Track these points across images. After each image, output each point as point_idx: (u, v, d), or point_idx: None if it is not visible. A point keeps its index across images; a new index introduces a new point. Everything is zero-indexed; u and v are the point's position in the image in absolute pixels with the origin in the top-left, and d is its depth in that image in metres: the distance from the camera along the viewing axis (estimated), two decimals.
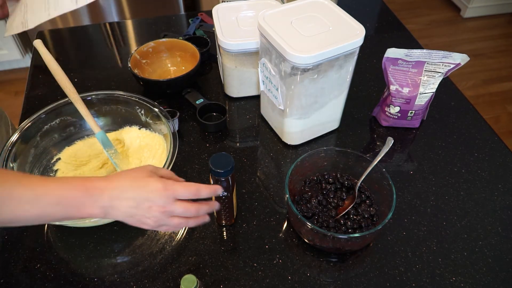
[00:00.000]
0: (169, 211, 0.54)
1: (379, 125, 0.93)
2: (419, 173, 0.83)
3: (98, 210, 0.52)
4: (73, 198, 0.51)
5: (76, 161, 0.82)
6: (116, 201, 0.53)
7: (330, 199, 0.74)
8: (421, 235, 0.73)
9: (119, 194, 0.53)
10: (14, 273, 0.68)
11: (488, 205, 0.77)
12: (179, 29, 1.22)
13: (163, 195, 0.53)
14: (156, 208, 0.53)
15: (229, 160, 0.63)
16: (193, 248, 0.71)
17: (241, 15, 0.94)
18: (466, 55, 0.82)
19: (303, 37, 0.73)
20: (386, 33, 1.22)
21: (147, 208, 0.53)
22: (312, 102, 0.80)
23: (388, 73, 0.86)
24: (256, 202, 0.78)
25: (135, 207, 0.53)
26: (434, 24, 2.77)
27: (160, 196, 0.53)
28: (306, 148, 0.88)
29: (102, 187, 0.52)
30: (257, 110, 0.97)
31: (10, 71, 2.34)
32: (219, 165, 0.62)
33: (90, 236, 0.72)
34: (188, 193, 0.55)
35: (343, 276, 0.68)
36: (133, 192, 0.53)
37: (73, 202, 0.51)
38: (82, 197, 0.51)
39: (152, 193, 0.53)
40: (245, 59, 0.90)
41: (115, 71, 1.09)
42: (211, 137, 0.90)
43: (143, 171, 0.55)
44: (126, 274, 0.68)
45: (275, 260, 0.69)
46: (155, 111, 0.81)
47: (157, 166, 0.58)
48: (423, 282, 0.67)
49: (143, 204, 0.53)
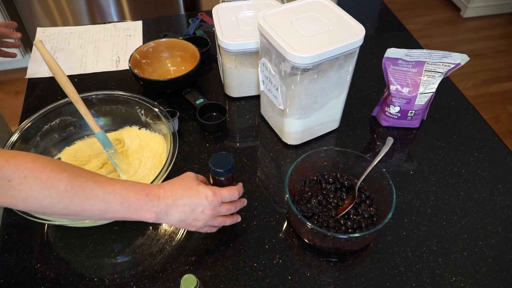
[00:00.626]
0: (217, 212, 0.63)
1: (379, 125, 0.93)
2: (419, 173, 0.83)
3: (153, 215, 0.59)
4: (134, 200, 0.57)
5: (76, 161, 0.82)
6: (172, 207, 0.60)
7: (330, 199, 0.74)
8: (421, 235, 0.73)
9: (174, 201, 0.60)
10: (14, 273, 0.68)
11: (488, 205, 0.77)
12: (179, 29, 1.22)
13: (214, 199, 0.61)
14: (207, 211, 0.61)
15: (229, 159, 0.64)
16: (193, 248, 0.71)
17: (241, 15, 0.94)
18: (466, 55, 0.82)
19: (303, 37, 0.73)
20: (386, 33, 1.22)
21: (199, 212, 0.61)
22: (312, 102, 0.80)
23: (388, 73, 0.86)
24: (256, 202, 0.78)
25: (189, 212, 0.61)
26: (434, 24, 2.77)
27: (211, 201, 0.61)
28: (306, 148, 0.88)
29: (160, 195, 0.59)
30: (257, 110, 0.97)
31: (10, 71, 2.34)
32: (219, 165, 0.63)
33: (90, 236, 0.72)
34: (231, 197, 0.64)
35: (343, 276, 0.68)
36: (187, 199, 0.60)
37: (134, 203, 0.57)
38: (142, 201, 0.57)
39: (205, 199, 0.61)
40: (245, 59, 0.90)
41: (115, 71, 1.08)
42: (211, 137, 0.90)
43: (190, 179, 0.63)
44: (126, 274, 0.68)
45: (275, 260, 0.69)
46: (155, 111, 0.81)
47: (195, 174, 0.66)
48: (423, 282, 0.67)
49: (197, 209, 0.61)
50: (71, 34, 1.18)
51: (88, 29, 1.20)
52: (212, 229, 0.67)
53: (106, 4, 1.93)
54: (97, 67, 1.08)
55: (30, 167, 0.50)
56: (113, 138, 0.85)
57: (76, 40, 1.17)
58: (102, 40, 1.17)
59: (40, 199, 0.51)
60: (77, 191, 0.53)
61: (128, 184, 0.58)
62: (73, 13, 1.96)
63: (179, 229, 0.74)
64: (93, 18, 1.98)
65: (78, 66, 1.08)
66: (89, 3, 1.92)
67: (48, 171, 0.51)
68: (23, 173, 0.49)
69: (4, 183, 0.49)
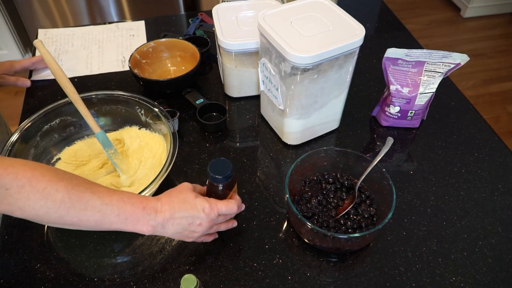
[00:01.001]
0: (214, 223, 0.64)
1: (379, 125, 0.93)
2: (419, 173, 0.83)
3: (149, 228, 0.59)
4: (131, 213, 0.57)
5: (76, 161, 0.82)
6: (169, 221, 0.60)
7: (330, 199, 0.74)
8: (421, 235, 0.73)
9: (171, 214, 0.60)
10: (14, 273, 0.68)
11: (488, 205, 0.77)
12: (179, 29, 1.22)
13: (211, 213, 0.61)
14: (205, 224, 0.62)
15: (228, 166, 0.62)
16: (193, 248, 0.71)
17: (241, 15, 0.94)
18: (466, 55, 0.82)
19: (303, 37, 0.73)
20: (386, 33, 1.22)
21: (197, 225, 0.61)
22: (312, 102, 0.80)
23: (388, 73, 0.86)
24: (256, 202, 0.78)
25: (187, 224, 0.61)
26: (434, 24, 2.77)
27: (208, 214, 0.61)
28: (306, 148, 0.88)
29: (157, 208, 0.59)
30: (257, 110, 0.97)
31: None
32: (218, 171, 0.61)
33: (90, 236, 0.72)
34: (229, 211, 0.63)
35: (343, 276, 0.68)
36: (185, 212, 0.60)
37: (131, 216, 0.57)
38: (139, 214, 0.58)
39: (202, 212, 0.61)
40: (245, 59, 0.90)
41: (115, 71, 1.08)
42: (211, 137, 0.90)
43: (187, 191, 0.62)
44: (126, 274, 0.68)
45: (275, 260, 0.69)
46: (155, 111, 0.81)
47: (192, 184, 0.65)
48: (423, 282, 0.67)
49: (195, 222, 0.61)
50: (73, 35, 1.18)
51: (90, 30, 1.20)
52: (208, 238, 0.68)
53: (106, 4, 1.93)
54: (103, 67, 1.08)
55: (28, 176, 0.50)
56: (113, 138, 0.85)
57: (79, 41, 1.16)
58: (106, 41, 1.16)
59: (37, 209, 0.51)
60: (74, 201, 0.53)
61: (126, 196, 0.58)
62: (73, 13, 1.96)
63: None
64: (93, 18, 1.98)
65: (84, 67, 1.08)
66: (89, 3, 1.92)
67: (46, 180, 0.51)
68: (21, 182, 0.50)
69: (2, 191, 0.49)
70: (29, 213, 0.52)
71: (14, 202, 0.50)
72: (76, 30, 1.20)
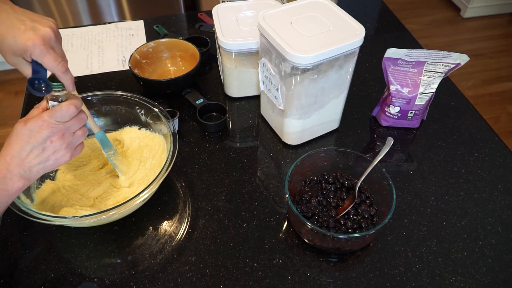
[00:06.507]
0: (67, 130, 0.58)
1: (379, 125, 0.93)
2: (419, 173, 0.83)
3: (21, 182, 0.57)
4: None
5: (76, 161, 0.82)
6: (25, 161, 0.56)
7: (330, 199, 0.74)
8: (421, 235, 0.73)
9: (19, 156, 0.56)
10: (14, 273, 0.68)
11: (488, 205, 0.77)
12: (179, 29, 1.22)
13: (48, 125, 0.56)
14: (55, 138, 0.57)
15: None
16: (193, 248, 0.71)
17: (241, 15, 0.94)
18: (466, 55, 0.82)
19: (303, 37, 0.73)
20: (386, 33, 1.22)
21: (50, 144, 0.57)
22: (312, 102, 0.80)
23: (388, 73, 0.86)
24: (256, 202, 0.78)
25: (41, 150, 0.56)
26: (434, 24, 2.77)
27: (47, 128, 0.56)
28: (306, 148, 0.88)
29: (5, 166, 0.56)
30: (257, 110, 0.97)
31: (10, 71, 2.34)
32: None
33: (90, 236, 0.73)
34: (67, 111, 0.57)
35: (343, 276, 0.68)
36: (27, 145, 0.56)
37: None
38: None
39: (40, 131, 0.56)
40: (245, 59, 0.90)
41: (115, 71, 1.08)
42: (211, 137, 0.90)
43: (16, 128, 0.57)
44: (126, 274, 0.68)
45: (275, 260, 0.69)
46: (155, 111, 0.81)
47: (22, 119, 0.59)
48: (423, 282, 0.67)
49: (45, 144, 0.56)
50: (73, 35, 1.19)
51: (89, 30, 1.21)
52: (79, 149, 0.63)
53: (106, 4, 1.93)
54: (104, 67, 1.08)
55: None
56: (113, 138, 0.85)
57: (78, 41, 1.17)
58: (106, 41, 1.17)
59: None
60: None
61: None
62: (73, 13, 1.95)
63: (179, 229, 0.74)
64: (93, 18, 1.98)
65: (84, 67, 1.08)
66: (89, 3, 1.92)
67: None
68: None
69: None
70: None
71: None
72: (76, 30, 1.20)
